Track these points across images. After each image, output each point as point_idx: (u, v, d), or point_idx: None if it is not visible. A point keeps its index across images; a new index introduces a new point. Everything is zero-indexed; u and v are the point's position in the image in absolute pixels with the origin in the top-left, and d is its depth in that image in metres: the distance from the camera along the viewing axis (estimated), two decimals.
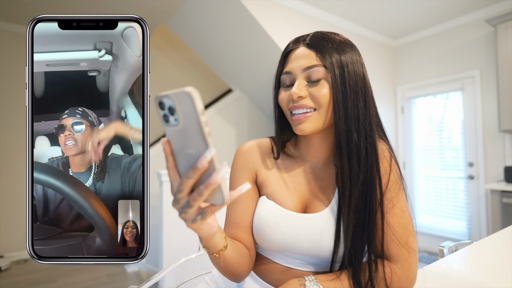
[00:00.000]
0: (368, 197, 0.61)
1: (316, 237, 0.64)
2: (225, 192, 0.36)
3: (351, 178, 0.61)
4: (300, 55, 0.65)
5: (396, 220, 0.62)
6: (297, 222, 0.66)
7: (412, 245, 0.62)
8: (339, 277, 0.60)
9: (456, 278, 0.76)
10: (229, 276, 0.65)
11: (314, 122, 0.63)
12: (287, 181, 0.71)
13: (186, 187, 0.37)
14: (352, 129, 0.61)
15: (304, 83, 0.63)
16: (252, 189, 0.73)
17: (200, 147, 0.35)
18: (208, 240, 0.52)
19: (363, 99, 0.63)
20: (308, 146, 0.72)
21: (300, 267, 0.68)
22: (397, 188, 0.64)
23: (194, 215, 0.40)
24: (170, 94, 0.33)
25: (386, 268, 0.61)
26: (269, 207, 0.68)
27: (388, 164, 0.65)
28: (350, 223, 0.61)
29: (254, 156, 0.74)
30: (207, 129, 0.34)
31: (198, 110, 0.33)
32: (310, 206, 0.69)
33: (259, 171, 0.73)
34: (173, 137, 0.36)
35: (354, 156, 0.61)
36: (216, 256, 0.57)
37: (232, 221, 0.72)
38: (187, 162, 0.36)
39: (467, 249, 0.95)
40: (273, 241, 0.67)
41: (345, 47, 0.64)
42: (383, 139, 0.70)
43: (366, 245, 0.61)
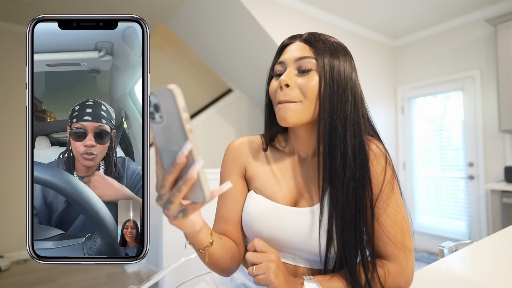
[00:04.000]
0: (358, 196, 0.61)
1: (306, 231, 0.64)
2: (206, 190, 0.36)
3: (331, 171, 0.62)
4: (295, 48, 0.67)
5: (391, 220, 0.62)
6: (286, 215, 0.66)
7: (408, 245, 0.62)
8: (337, 277, 0.60)
9: (456, 278, 0.76)
10: (217, 271, 0.66)
11: (297, 113, 0.64)
12: (277, 175, 0.72)
13: (167, 183, 0.38)
14: (337, 123, 0.62)
15: (294, 72, 0.65)
16: (241, 184, 0.74)
17: (181, 143, 0.35)
18: (193, 237, 0.53)
19: (353, 99, 0.64)
20: (296, 139, 0.72)
21: (292, 261, 0.68)
22: (391, 188, 0.64)
23: (175, 212, 0.41)
24: (155, 91, 0.34)
25: (383, 267, 0.61)
26: (257, 201, 0.69)
27: (384, 164, 0.65)
28: (337, 220, 0.61)
29: (243, 151, 0.75)
30: (188, 126, 0.34)
31: (179, 107, 0.33)
32: (300, 200, 0.69)
33: (248, 166, 0.74)
34: (158, 134, 0.36)
35: (337, 150, 0.61)
36: (202, 252, 0.58)
37: (221, 217, 0.73)
38: (171, 159, 0.37)
39: (467, 249, 0.95)
40: (262, 234, 0.67)
41: (338, 49, 0.66)
42: (377, 139, 0.70)
43: (359, 245, 0.60)
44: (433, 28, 3.42)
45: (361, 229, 0.60)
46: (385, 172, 0.64)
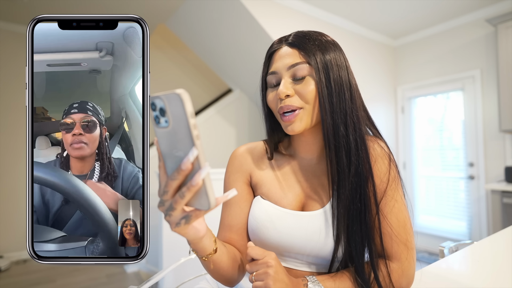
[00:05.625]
0: (361, 190, 0.61)
1: (315, 235, 0.64)
2: (211, 197, 0.36)
3: (339, 171, 0.62)
4: (284, 54, 0.65)
5: (395, 218, 0.62)
6: (293, 220, 0.66)
7: (411, 244, 0.62)
8: (341, 276, 0.60)
9: (457, 278, 0.75)
10: (220, 280, 0.65)
11: (303, 121, 0.64)
12: (282, 180, 0.71)
13: (170, 189, 0.37)
14: (339, 122, 0.62)
15: (289, 81, 0.64)
16: (246, 191, 0.73)
17: (187, 149, 0.34)
18: (196, 244, 0.52)
19: (349, 92, 0.64)
20: (301, 143, 0.72)
21: (299, 267, 0.68)
22: (395, 188, 0.64)
23: (178, 218, 0.40)
24: (161, 95, 0.33)
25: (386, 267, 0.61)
26: (264, 206, 0.68)
27: (388, 163, 0.66)
28: (344, 216, 0.60)
29: (247, 158, 0.75)
30: (195, 132, 0.33)
31: (187, 113, 0.32)
32: (308, 204, 0.68)
33: (253, 172, 0.73)
34: (163, 139, 0.36)
35: (342, 149, 0.62)
36: (205, 260, 0.56)
37: (226, 224, 0.72)
38: (175, 164, 0.36)
39: (468, 249, 0.94)
40: (269, 240, 0.66)
41: (327, 44, 0.65)
42: (378, 136, 0.70)
43: (365, 239, 0.60)
44: (433, 28, 3.42)
45: (366, 223, 0.60)
46: (389, 172, 0.65)
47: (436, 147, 3.49)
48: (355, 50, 3.33)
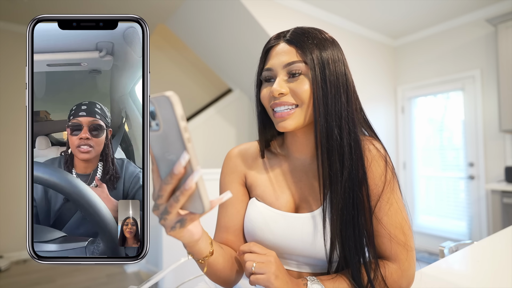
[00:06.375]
0: (354, 194, 0.60)
1: (310, 237, 0.63)
2: (205, 200, 0.35)
3: (330, 175, 0.61)
4: (281, 51, 0.64)
5: (393, 219, 0.62)
6: (288, 222, 0.65)
7: (410, 244, 0.62)
8: (340, 277, 0.60)
9: (457, 278, 0.75)
10: (218, 282, 0.65)
11: (295, 119, 0.63)
12: (276, 181, 0.71)
13: (165, 193, 0.37)
14: (333, 125, 0.60)
15: (284, 79, 0.63)
16: (242, 193, 0.73)
17: (179, 153, 0.34)
18: (192, 247, 0.51)
19: (345, 95, 0.62)
20: (294, 142, 0.71)
21: (296, 268, 0.68)
22: (391, 189, 0.63)
23: (172, 222, 0.40)
24: (151, 98, 0.33)
25: (385, 268, 0.61)
26: (259, 208, 0.68)
27: (383, 165, 0.65)
28: (337, 221, 0.60)
29: (242, 159, 0.74)
30: (186, 135, 0.33)
31: (177, 115, 0.32)
32: (302, 205, 0.68)
33: (248, 173, 0.73)
34: (155, 142, 0.35)
35: (335, 153, 0.60)
36: (202, 262, 0.56)
37: (222, 225, 0.72)
38: (168, 168, 0.36)
39: (468, 249, 0.94)
40: (265, 242, 0.66)
41: (326, 43, 0.63)
42: (374, 138, 0.69)
43: (359, 244, 0.60)
44: (433, 28, 3.42)
45: (359, 227, 0.60)
46: (385, 174, 0.64)
47: (436, 147, 3.49)
48: (355, 50, 3.33)
